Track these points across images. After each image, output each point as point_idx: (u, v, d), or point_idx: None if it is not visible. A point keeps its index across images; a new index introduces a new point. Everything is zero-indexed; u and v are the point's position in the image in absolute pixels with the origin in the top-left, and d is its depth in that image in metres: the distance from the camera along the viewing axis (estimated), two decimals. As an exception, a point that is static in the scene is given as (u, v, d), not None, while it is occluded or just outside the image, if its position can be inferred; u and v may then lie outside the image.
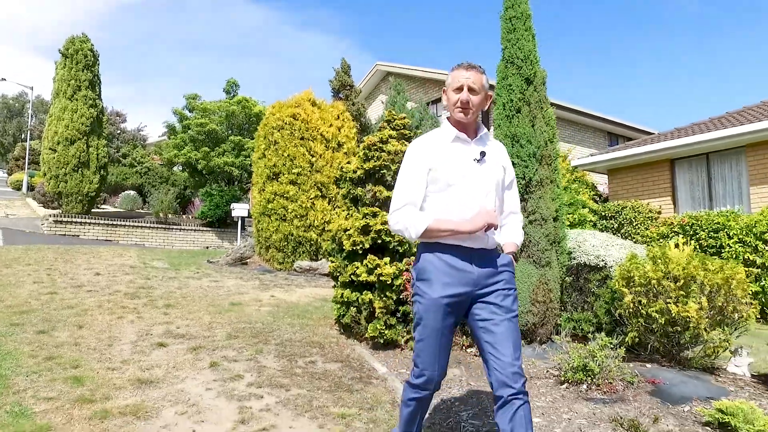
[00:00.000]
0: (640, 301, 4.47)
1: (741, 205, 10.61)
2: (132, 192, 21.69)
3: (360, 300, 4.84)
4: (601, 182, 15.24)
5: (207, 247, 15.87)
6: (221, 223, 17.72)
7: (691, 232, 9.93)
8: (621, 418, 3.42)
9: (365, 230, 4.94)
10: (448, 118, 2.48)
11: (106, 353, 4.49)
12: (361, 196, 5.28)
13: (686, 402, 3.80)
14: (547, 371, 4.42)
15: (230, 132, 19.23)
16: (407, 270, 4.93)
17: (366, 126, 12.32)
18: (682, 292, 4.34)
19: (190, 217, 19.39)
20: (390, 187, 5.33)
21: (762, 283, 8.59)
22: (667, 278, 4.41)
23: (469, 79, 2.33)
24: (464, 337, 4.75)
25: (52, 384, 3.74)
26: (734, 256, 9.20)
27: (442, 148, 2.39)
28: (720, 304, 4.32)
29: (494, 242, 2.41)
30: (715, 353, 4.51)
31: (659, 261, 4.54)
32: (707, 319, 4.29)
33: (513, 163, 4.81)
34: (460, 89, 2.34)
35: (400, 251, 5.01)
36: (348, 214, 5.34)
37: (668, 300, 4.34)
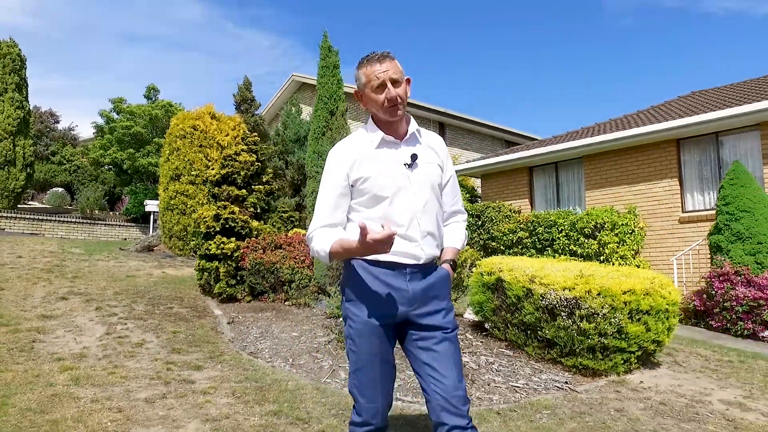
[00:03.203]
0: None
1: (579, 207, 12.93)
2: (60, 189, 22.76)
3: (210, 267, 6.87)
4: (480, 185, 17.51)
5: (125, 239, 17.38)
6: (145, 219, 19.22)
7: (532, 228, 12.29)
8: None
9: (217, 218, 6.97)
10: (373, 117, 2.16)
11: (21, 303, 6.33)
12: (218, 193, 7.30)
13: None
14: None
15: (155, 134, 20.74)
16: (247, 247, 6.98)
17: (264, 135, 14.31)
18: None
19: (118, 213, 20.76)
20: (240, 187, 7.38)
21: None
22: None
23: (387, 72, 2.01)
24: (283, 294, 6.82)
25: (-20, 316, 5.60)
26: (562, 247, 11.62)
27: (366, 154, 2.08)
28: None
29: (429, 255, 2.09)
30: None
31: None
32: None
33: (317, 173, 6.93)
34: (382, 87, 2.01)
35: (242, 234, 7.08)
36: (208, 206, 7.34)
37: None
